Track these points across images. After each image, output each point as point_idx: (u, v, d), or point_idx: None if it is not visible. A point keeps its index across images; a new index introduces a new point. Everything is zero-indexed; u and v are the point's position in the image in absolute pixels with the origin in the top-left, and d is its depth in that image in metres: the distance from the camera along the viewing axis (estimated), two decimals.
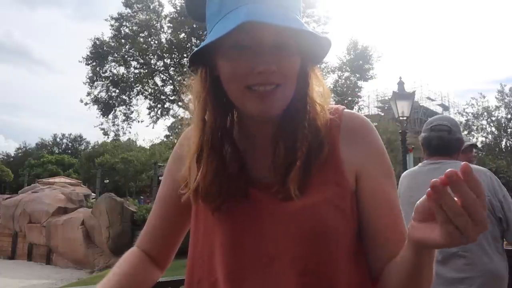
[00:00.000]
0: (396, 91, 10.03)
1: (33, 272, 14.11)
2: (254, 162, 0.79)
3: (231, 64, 0.70)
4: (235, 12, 0.66)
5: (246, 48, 0.69)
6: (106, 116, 17.96)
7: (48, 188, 19.63)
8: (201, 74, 0.76)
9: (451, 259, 1.79)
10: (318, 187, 0.72)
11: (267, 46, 0.69)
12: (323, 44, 0.73)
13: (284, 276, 0.70)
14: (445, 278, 1.77)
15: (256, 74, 0.68)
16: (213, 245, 0.77)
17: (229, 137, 0.77)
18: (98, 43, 17.43)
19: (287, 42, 0.70)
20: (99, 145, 45.61)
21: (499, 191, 1.85)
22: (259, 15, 0.64)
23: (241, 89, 0.70)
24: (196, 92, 0.77)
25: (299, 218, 0.71)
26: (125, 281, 0.82)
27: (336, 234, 0.72)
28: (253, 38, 0.68)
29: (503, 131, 20.89)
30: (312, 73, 0.78)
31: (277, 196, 0.72)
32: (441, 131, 2.02)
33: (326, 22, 17.12)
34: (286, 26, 0.65)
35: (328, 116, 0.77)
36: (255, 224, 0.74)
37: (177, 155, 0.89)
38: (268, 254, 0.72)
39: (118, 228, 13.24)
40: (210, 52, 0.73)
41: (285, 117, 0.74)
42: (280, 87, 0.70)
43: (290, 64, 0.71)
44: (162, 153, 31.32)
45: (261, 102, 0.70)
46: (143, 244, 0.92)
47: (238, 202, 0.74)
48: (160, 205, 0.92)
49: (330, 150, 0.75)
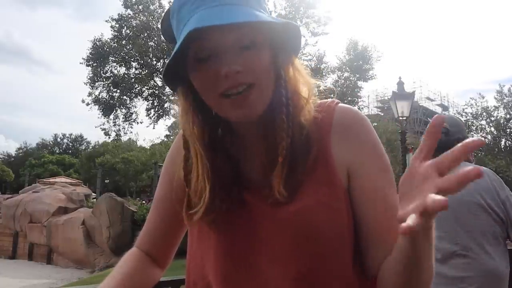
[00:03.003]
0: (396, 91, 10.02)
1: (33, 271, 14.11)
2: (245, 164, 0.78)
3: (199, 75, 0.69)
4: (188, 23, 0.65)
5: (208, 55, 0.67)
6: (107, 116, 17.97)
7: (49, 188, 19.63)
8: (182, 91, 0.75)
9: (451, 258, 1.79)
10: (310, 188, 0.71)
11: (228, 46, 0.66)
12: (292, 32, 0.71)
13: (278, 281, 0.70)
14: (445, 277, 1.77)
15: (223, 78, 0.66)
16: (206, 250, 0.77)
17: (220, 145, 0.76)
18: (98, 44, 17.42)
19: (249, 39, 0.67)
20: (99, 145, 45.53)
21: (501, 192, 1.82)
22: (206, 19, 0.62)
23: (216, 98, 0.68)
24: (182, 107, 0.76)
25: (291, 222, 0.70)
26: (128, 282, 0.83)
27: (330, 237, 0.70)
28: (211, 44, 0.66)
29: (502, 131, 20.85)
30: (291, 66, 0.75)
31: (267, 200, 0.71)
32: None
33: (326, 22, 17.09)
34: (234, 22, 0.62)
35: (318, 111, 0.75)
36: (248, 228, 0.73)
37: (175, 156, 0.89)
38: (261, 259, 0.71)
39: (118, 228, 13.24)
40: (180, 69, 0.71)
41: (266, 113, 0.71)
42: (254, 86, 0.67)
43: (256, 60, 0.67)
44: (163, 153, 31.25)
45: (238, 107, 0.67)
46: (142, 245, 0.93)
47: (232, 207, 0.74)
48: (158, 206, 0.92)
49: (321, 148, 0.73)
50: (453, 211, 1.82)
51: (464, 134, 2.06)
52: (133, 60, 17.40)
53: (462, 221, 1.80)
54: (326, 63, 17.52)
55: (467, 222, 1.79)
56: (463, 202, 1.81)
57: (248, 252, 0.73)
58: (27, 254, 16.82)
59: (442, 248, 1.79)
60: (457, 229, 1.80)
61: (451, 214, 1.82)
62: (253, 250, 0.72)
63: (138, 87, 17.51)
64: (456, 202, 1.82)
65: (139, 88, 17.58)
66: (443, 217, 1.83)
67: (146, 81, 17.37)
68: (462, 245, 1.78)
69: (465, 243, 1.78)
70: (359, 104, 19.42)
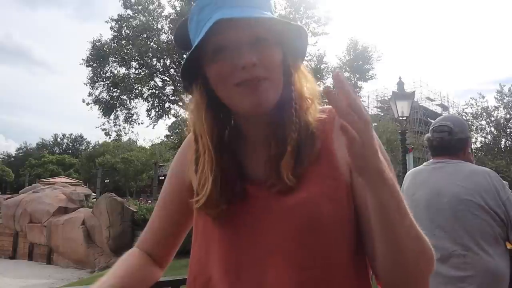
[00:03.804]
0: (396, 91, 10.03)
1: (34, 271, 14.10)
2: (248, 163, 0.81)
3: (216, 66, 0.73)
4: (209, 21, 0.71)
5: (225, 48, 0.72)
6: (108, 116, 17.97)
7: (49, 188, 19.60)
8: (198, 86, 0.79)
9: (449, 258, 1.79)
10: (314, 180, 0.74)
11: (244, 41, 0.72)
12: (301, 35, 0.77)
13: (282, 271, 0.71)
14: (445, 276, 1.77)
15: (240, 70, 0.71)
16: (210, 243, 0.79)
17: (227, 145, 0.80)
18: (97, 45, 17.43)
19: (264, 36, 0.73)
20: (99, 145, 45.61)
21: (502, 193, 1.82)
22: (230, 13, 0.70)
23: (229, 88, 0.73)
24: (195, 103, 0.80)
25: (295, 211, 0.72)
26: (128, 278, 0.84)
27: (332, 228, 0.72)
28: (230, 37, 0.72)
29: (502, 131, 20.88)
30: (298, 69, 0.80)
31: (272, 189, 0.74)
32: (442, 132, 2.02)
33: (326, 22, 17.09)
34: (257, 17, 0.70)
35: (321, 112, 0.80)
36: (252, 219, 0.75)
37: (181, 158, 0.92)
38: (265, 249, 0.73)
39: (118, 228, 13.24)
40: (197, 66, 0.77)
41: (274, 112, 0.76)
42: (265, 80, 0.72)
43: (270, 55, 0.73)
44: (163, 153, 31.32)
45: (251, 95, 0.72)
46: (144, 244, 0.94)
47: (235, 200, 0.76)
48: (163, 207, 0.94)
49: (324, 145, 0.77)
50: (453, 210, 1.82)
51: (467, 134, 2.07)
52: (133, 60, 17.41)
53: (462, 221, 1.80)
54: (326, 63, 17.55)
55: (467, 222, 1.79)
56: (463, 202, 1.81)
57: (252, 243, 0.74)
58: (27, 254, 16.80)
59: (442, 247, 1.79)
60: (457, 228, 1.80)
61: (451, 214, 1.83)
62: (256, 242, 0.74)
63: (138, 87, 17.52)
64: (457, 201, 1.82)
65: (140, 89, 17.58)
66: (443, 217, 1.84)
67: (146, 81, 17.38)
68: (461, 245, 1.78)
69: (465, 242, 1.78)
70: None
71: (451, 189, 1.86)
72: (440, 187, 1.90)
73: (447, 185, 1.88)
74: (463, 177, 1.88)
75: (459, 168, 1.93)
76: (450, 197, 1.85)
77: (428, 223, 1.84)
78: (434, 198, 1.90)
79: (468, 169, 1.92)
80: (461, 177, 1.88)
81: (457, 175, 1.89)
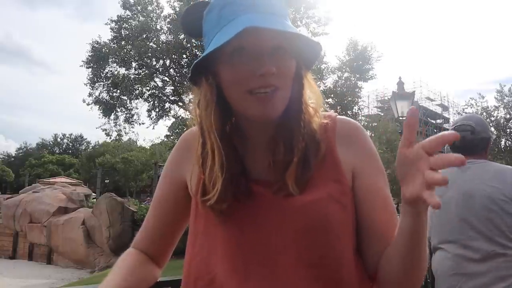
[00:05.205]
0: (396, 91, 10.05)
1: (34, 272, 14.11)
2: (252, 164, 0.81)
3: (233, 68, 0.74)
4: (234, 21, 0.71)
5: (246, 53, 0.73)
6: (108, 116, 17.97)
7: (49, 188, 19.60)
8: (208, 81, 0.79)
9: (490, 258, 1.77)
10: (319, 184, 0.76)
11: (266, 50, 0.73)
12: (316, 48, 0.79)
13: (291, 269, 0.72)
14: (485, 276, 1.75)
15: (257, 77, 0.71)
16: (214, 243, 0.79)
17: (230, 141, 0.80)
18: (97, 46, 17.43)
19: (284, 46, 0.74)
20: (99, 145, 45.64)
21: None
22: (260, 21, 0.70)
23: (242, 93, 0.74)
24: (204, 98, 0.79)
25: (302, 212, 0.74)
26: (130, 276, 0.84)
27: (338, 228, 0.75)
28: (253, 43, 0.72)
29: (502, 131, 20.88)
30: (305, 78, 0.82)
31: (279, 193, 0.75)
32: (464, 131, 1.98)
33: (326, 23, 17.09)
34: (285, 31, 0.70)
35: (322, 119, 0.82)
36: (257, 219, 0.76)
37: (176, 158, 0.92)
38: (274, 248, 0.73)
39: (118, 228, 13.25)
40: (210, 62, 0.76)
41: (283, 119, 0.77)
42: (278, 90, 0.73)
43: (287, 66, 0.75)
44: (163, 153, 31.33)
45: (262, 105, 0.73)
46: (140, 244, 0.94)
47: (240, 198, 0.76)
48: (158, 206, 0.94)
49: (327, 150, 0.80)
50: (486, 211, 1.81)
51: (489, 133, 2.05)
52: (132, 60, 17.41)
53: (496, 221, 1.79)
54: (326, 63, 17.54)
55: (502, 222, 1.78)
56: (495, 202, 1.80)
57: (259, 242, 0.75)
58: (27, 254, 16.81)
59: (479, 248, 1.77)
60: (492, 228, 1.79)
61: (484, 214, 1.81)
62: (264, 241, 0.74)
63: (138, 88, 17.51)
64: (488, 201, 1.81)
65: (140, 89, 17.59)
66: (476, 218, 1.82)
67: (146, 81, 17.38)
68: (500, 244, 1.77)
69: (503, 242, 1.77)
70: (359, 104, 19.44)
71: (482, 190, 1.84)
72: (469, 188, 1.88)
73: (476, 186, 1.87)
74: (491, 176, 1.87)
75: (486, 168, 1.91)
76: (482, 197, 1.83)
77: (461, 225, 1.83)
78: (465, 199, 1.87)
79: (493, 169, 1.91)
80: (489, 177, 1.87)
81: (485, 175, 1.88)
